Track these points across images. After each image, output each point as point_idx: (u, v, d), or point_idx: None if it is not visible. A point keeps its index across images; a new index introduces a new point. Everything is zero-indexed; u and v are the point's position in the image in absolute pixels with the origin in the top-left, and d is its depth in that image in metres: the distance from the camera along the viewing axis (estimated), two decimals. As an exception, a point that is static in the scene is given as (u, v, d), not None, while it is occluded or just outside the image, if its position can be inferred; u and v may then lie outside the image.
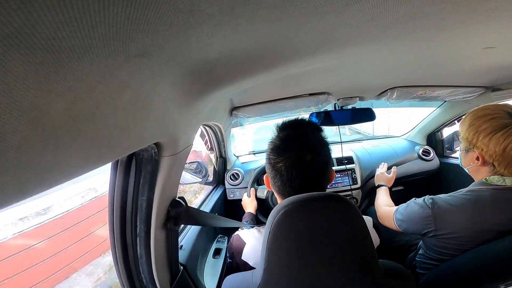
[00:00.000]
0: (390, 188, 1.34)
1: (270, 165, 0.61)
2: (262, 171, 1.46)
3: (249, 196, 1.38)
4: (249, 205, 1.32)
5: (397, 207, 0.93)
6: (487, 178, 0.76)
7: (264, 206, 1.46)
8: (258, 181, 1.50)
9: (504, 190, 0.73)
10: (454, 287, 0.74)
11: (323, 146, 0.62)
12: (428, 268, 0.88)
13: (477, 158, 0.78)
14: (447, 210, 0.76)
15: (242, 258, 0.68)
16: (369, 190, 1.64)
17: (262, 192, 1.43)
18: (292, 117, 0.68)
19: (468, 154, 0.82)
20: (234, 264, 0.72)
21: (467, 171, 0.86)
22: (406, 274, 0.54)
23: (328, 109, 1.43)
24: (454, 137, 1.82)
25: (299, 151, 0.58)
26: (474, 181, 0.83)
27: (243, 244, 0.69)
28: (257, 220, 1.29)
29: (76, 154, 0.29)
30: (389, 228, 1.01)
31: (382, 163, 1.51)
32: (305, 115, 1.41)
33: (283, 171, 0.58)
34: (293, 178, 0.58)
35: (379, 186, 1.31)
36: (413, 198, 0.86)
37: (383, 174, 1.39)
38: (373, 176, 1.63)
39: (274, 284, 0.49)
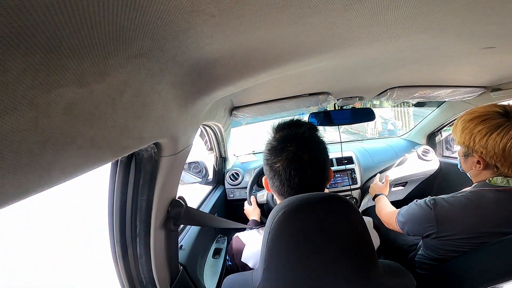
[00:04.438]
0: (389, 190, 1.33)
1: (268, 166, 0.61)
2: (262, 171, 1.45)
3: (250, 204, 1.38)
4: (253, 213, 1.31)
5: (399, 209, 0.92)
6: (491, 179, 0.76)
7: (265, 209, 1.46)
8: (258, 181, 1.50)
9: (508, 191, 0.72)
10: (454, 287, 0.74)
11: (320, 145, 0.62)
12: (428, 268, 0.88)
13: (478, 162, 0.76)
14: (450, 211, 0.75)
15: (241, 259, 0.68)
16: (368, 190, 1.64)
17: (262, 197, 1.42)
18: (288, 118, 0.68)
19: (468, 159, 0.80)
20: (234, 266, 0.71)
21: (468, 175, 0.85)
22: (406, 274, 0.54)
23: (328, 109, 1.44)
24: (453, 137, 1.81)
25: (296, 150, 0.58)
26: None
27: (242, 245, 0.69)
28: (262, 225, 1.28)
29: (76, 154, 0.29)
30: (389, 229, 1.01)
31: (377, 175, 1.50)
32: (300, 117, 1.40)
33: (281, 171, 0.58)
34: (292, 178, 0.58)
35: (375, 196, 1.28)
36: (415, 200, 0.85)
37: (376, 185, 1.37)
38: (373, 176, 1.63)
39: (273, 284, 0.49)
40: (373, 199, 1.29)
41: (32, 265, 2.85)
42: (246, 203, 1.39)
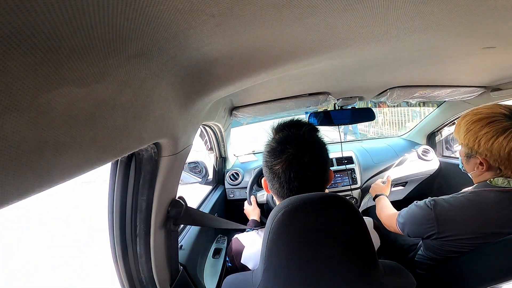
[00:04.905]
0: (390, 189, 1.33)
1: (267, 167, 0.61)
2: (262, 172, 1.45)
3: (250, 203, 1.38)
4: (252, 213, 1.31)
5: (399, 211, 0.92)
6: (491, 179, 0.75)
7: (265, 209, 1.46)
8: (258, 181, 1.50)
9: (509, 192, 0.72)
10: (454, 287, 0.74)
11: (320, 146, 0.61)
12: (428, 268, 0.88)
13: (481, 164, 0.76)
14: (450, 212, 0.75)
15: (241, 261, 0.67)
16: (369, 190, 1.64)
17: (262, 197, 1.42)
18: (288, 118, 0.68)
19: (471, 160, 0.80)
20: (233, 268, 0.71)
21: (469, 175, 0.85)
22: (406, 274, 0.54)
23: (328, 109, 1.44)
24: (453, 137, 1.82)
25: (296, 152, 0.57)
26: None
27: (242, 247, 0.69)
28: (262, 225, 1.28)
29: (76, 154, 0.29)
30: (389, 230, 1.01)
31: (380, 176, 1.48)
32: (302, 116, 1.40)
33: (280, 174, 0.58)
34: (291, 180, 0.57)
35: (376, 196, 1.27)
36: (415, 201, 0.85)
37: (378, 185, 1.36)
38: (373, 176, 1.63)
39: (274, 285, 0.49)
40: (374, 199, 1.29)
41: (32, 265, 2.85)
42: (246, 202, 1.39)
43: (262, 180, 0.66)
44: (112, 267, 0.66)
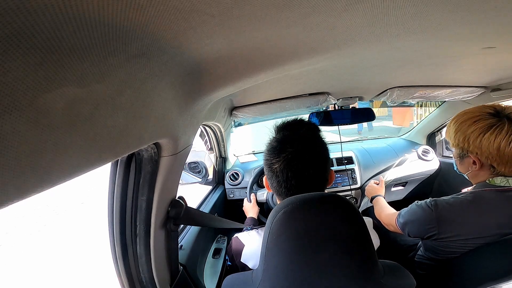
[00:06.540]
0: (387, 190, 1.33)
1: (267, 166, 0.61)
2: (262, 171, 1.46)
3: (249, 201, 1.38)
4: (251, 211, 1.32)
5: (399, 211, 0.92)
6: (490, 179, 0.76)
7: (265, 208, 1.47)
8: (258, 181, 1.50)
9: (508, 191, 0.72)
10: (454, 287, 0.74)
11: (321, 146, 0.61)
12: (428, 268, 0.88)
13: (474, 163, 0.77)
14: (451, 212, 0.75)
15: (241, 260, 0.68)
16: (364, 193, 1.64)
17: (262, 195, 1.43)
18: (291, 118, 0.68)
19: (464, 160, 0.81)
20: (233, 267, 0.71)
21: (466, 177, 0.85)
22: (406, 274, 0.54)
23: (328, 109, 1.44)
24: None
25: (296, 152, 0.57)
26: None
27: (242, 246, 0.69)
28: (260, 223, 1.29)
29: (76, 154, 0.29)
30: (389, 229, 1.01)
31: (372, 181, 1.50)
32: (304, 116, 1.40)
33: (278, 172, 0.58)
34: (289, 179, 0.58)
35: (373, 198, 1.28)
36: (416, 201, 0.85)
37: (371, 187, 1.37)
38: (373, 176, 1.63)
39: (273, 284, 0.49)
40: (371, 201, 1.29)
41: (32, 265, 2.85)
42: (245, 199, 1.40)
43: (263, 179, 0.67)
44: (112, 267, 0.66)
